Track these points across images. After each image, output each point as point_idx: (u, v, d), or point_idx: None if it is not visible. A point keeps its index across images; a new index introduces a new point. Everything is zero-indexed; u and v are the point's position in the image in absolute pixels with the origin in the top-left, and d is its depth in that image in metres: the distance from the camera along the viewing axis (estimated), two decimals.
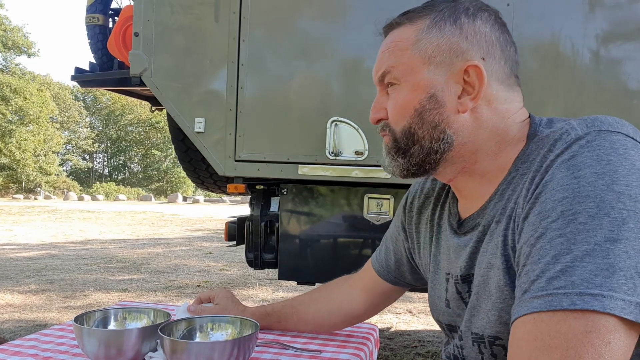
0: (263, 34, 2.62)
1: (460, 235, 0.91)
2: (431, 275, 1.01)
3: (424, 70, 0.85)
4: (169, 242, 10.07)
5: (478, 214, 0.87)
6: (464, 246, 0.88)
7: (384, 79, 0.89)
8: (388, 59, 0.88)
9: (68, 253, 8.39)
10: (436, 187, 1.05)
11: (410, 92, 0.86)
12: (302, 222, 2.71)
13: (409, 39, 0.87)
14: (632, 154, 0.67)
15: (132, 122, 45.72)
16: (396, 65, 0.87)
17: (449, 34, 0.85)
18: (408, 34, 0.87)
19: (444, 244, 0.97)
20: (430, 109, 0.85)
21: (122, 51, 3.11)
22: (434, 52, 0.85)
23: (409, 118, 0.86)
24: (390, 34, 0.90)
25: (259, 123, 2.61)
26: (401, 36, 0.88)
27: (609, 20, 2.32)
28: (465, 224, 0.90)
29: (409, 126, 0.86)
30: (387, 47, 0.90)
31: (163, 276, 6.56)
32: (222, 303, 1.34)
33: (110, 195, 31.67)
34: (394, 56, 0.88)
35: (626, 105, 2.33)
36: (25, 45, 34.69)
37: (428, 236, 1.03)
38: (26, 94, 33.12)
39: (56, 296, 5.38)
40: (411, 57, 0.86)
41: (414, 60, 0.86)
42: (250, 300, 5.31)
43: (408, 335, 4.16)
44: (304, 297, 1.35)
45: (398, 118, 0.88)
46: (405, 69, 0.86)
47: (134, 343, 1.09)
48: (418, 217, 1.07)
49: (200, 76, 2.68)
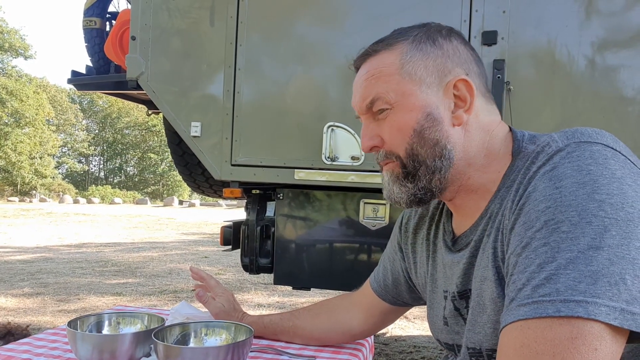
0: (260, 39, 2.62)
1: (454, 252, 0.92)
2: (429, 294, 1.02)
3: (417, 91, 0.86)
4: (164, 246, 10.04)
5: (471, 230, 0.89)
6: (458, 262, 0.90)
7: (373, 107, 0.88)
8: (374, 87, 0.88)
9: (63, 256, 8.36)
10: (430, 206, 1.06)
11: (406, 113, 0.85)
12: (298, 227, 2.71)
13: (393, 64, 0.87)
14: (612, 163, 0.69)
15: (129, 125, 45.66)
16: (385, 91, 0.87)
17: (432, 55, 0.87)
18: (390, 60, 0.87)
19: (439, 262, 0.97)
20: (429, 127, 0.85)
21: (119, 55, 3.11)
22: (423, 73, 0.86)
23: (409, 139, 0.86)
24: (367, 63, 0.90)
25: (256, 127, 2.61)
26: (383, 62, 0.88)
27: (604, 27, 2.33)
28: (459, 241, 0.91)
29: (410, 147, 0.86)
30: (370, 75, 0.89)
31: (158, 280, 6.53)
32: (223, 304, 1.35)
33: (106, 198, 31.59)
34: (381, 82, 0.87)
35: (622, 112, 2.34)
36: (22, 48, 34.66)
37: (425, 255, 1.03)
38: (22, 96, 33.06)
39: (50, 300, 5.35)
40: (400, 81, 0.86)
41: (405, 84, 0.86)
42: (246, 305, 5.30)
43: (403, 340, 4.15)
44: (303, 311, 1.34)
45: (398, 141, 0.87)
46: (396, 93, 0.86)
47: (127, 348, 1.09)
48: (414, 237, 1.08)
49: (197, 80, 2.68)
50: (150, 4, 2.68)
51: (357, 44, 2.49)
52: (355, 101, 0.93)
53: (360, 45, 2.70)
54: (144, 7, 2.68)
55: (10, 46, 34.11)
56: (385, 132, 0.88)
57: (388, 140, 0.88)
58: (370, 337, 1.47)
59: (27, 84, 35.05)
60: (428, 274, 1.02)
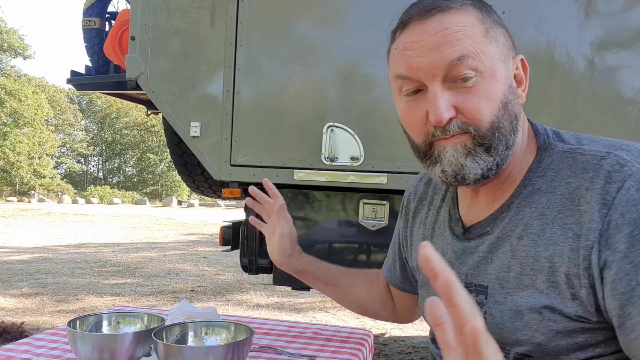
0: (260, 39, 2.62)
1: (464, 241, 0.89)
2: (423, 278, 1.01)
3: (501, 60, 0.80)
4: (163, 246, 10.03)
5: (487, 222, 0.86)
6: (470, 252, 0.88)
7: (460, 67, 0.77)
8: (463, 43, 0.77)
9: (61, 256, 8.35)
10: (429, 190, 1.04)
11: (495, 83, 0.79)
12: (298, 227, 2.70)
13: (477, 26, 0.79)
14: None
15: (128, 125, 45.63)
16: (476, 53, 0.77)
17: (502, 25, 0.83)
18: (471, 21, 0.79)
19: (439, 248, 0.95)
20: (512, 100, 0.81)
21: (119, 55, 3.11)
22: (503, 42, 0.81)
23: (497, 111, 0.79)
24: (439, 18, 0.78)
25: (255, 128, 2.62)
26: (463, 21, 0.78)
27: (603, 28, 2.34)
28: (471, 229, 0.89)
29: (497, 120, 0.79)
30: (453, 31, 0.77)
31: (157, 280, 6.53)
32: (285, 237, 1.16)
33: (104, 198, 31.55)
34: (469, 41, 0.77)
35: (620, 112, 2.34)
36: (21, 48, 34.64)
37: (420, 239, 1.02)
38: (21, 96, 33.03)
39: (49, 300, 5.35)
40: (488, 45, 0.79)
41: (493, 50, 0.79)
42: (245, 305, 5.30)
43: (402, 341, 4.15)
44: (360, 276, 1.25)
45: (485, 112, 0.78)
46: (487, 58, 0.78)
47: (127, 347, 1.09)
48: (412, 220, 1.07)
49: (196, 80, 2.68)
50: (149, 4, 2.68)
51: (357, 44, 2.51)
52: (427, 61, 0.78)
53: (360, 45, 2.69)
54: (143, 7, 2.68)
55: (9, 46, 34.08)
56: (468, 102, 0.78)
57: (471, 111, 0.78)
58: (370, 336, 1.47)
59: (25, 84, 35.02)
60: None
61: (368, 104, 2.50)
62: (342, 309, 5.12)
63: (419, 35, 0.79)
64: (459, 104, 0.78)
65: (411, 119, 0.83)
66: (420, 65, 0.78)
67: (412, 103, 0.83)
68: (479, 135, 0.79)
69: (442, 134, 0.80)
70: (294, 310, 5.14)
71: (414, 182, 1.11)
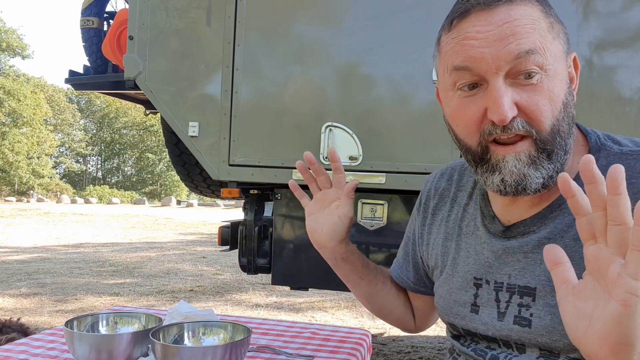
0: (258, 39, 2.62)
1: (504, 239, 0.85)
2: (444, 278, 0.96)
3: (562, 58, 0.76)
4: (162, 246, 10.03)
5: (532, 220, 0.82)
6: (514, 252, 0.84)
7: (527, 62, 0.72)
8: (531, 36, 0.73)
9: (60, 256, 8.34)
10: (451, 187, 1.00)
11: (558, 82, 0.74)
12: (296, 227, 2.71)
13: (542, 20, 0.75)
14: None
15: (126, 125, 45.60)
16: (544, 48, 0.73)
17: (560, 22, 0.79)
18: (536, 14, 0.75)
19: (470, 247, 0.91)
20: (570, 101, 0.77)
21: (117, 54, 3.11)
22: (564, 39, 0.78)
23: (558, 113, 0.75)
24: (505, 9, 0.74)
25: (254, 128, 2.61)
26: (530, 14, 0.74)
27: (602, 28, 2.34)
28: (513, 228, 0.85)
29: (558, 123, 0.75)
30: (522, 23, 0.73)
31: (156, 280, 6.53)
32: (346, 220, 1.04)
33: (103, 198, 31.53)
34: (537, 35, 0.73)
35: (619, 112, 2.34)
36: (20, 47, 34.61)
37: (442, 237, 0.98)
38: (20, 96, 32.99)
39: (48, 300, 5.34)
40: (552, 42, 0.75)
41: (556, 46, 0.76)
42: (244, 305, 5.29)
43: (401, 340, 4.15)
44: (382, 276, 1.15)
45: (548, 114, 0.74)
46: (551, 55, 0.74)
47: (125, 348, 1.09)
48: (432, 218, 1.02)
49: (194, 80, 2.68)
50: (148, 4, 2.68)
51: (356, 44, 2.50)
52: (492, 52, 0.73)
53: (359, 45, 2.68)
54: (141, 7, 2.68)
55: (7, 46, 34.05)
56: (532, 100, 0.73)
57: (534, 111, 0.73)
58: (368, 336, 1.47)
59: (24, 83, 34.99)
60: (447, 258, 0.96)
61: (367, 103, 2.50)
62: (341, 309, 5.12)
63: (484, 25, 0.74)
64: (522, 102, 0.73)
65: (465, 116, 0.78)
66: (485, 56, 0.73)
67: (466, 99, 0.77)
68: (540, 140, 0.74)
69: (503, 132, 0.74)
70: (292, 310, 5.14)
71: (433, 179, 1.06)
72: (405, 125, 2.47)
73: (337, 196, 1.05)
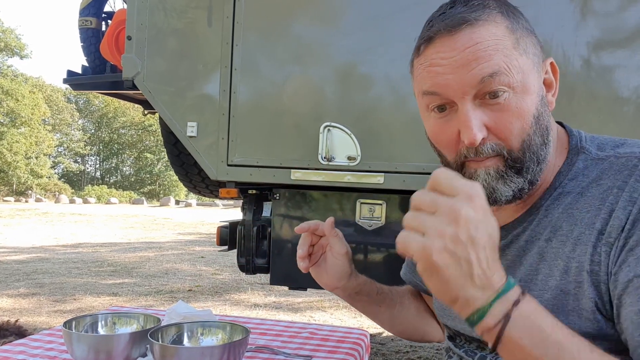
0: (256, 39, 2.62)
1: None
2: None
3: (533, 71, 0.78)
4: (160, 246, 10.03)
5: (514, 224, 0.84)
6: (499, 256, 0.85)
7: (491, 83, 0.74)
8: (494, 58, 0.74)
9: (59, 256, 8.34)
10: None
11: (527, 97, 0.76)
12: (295, 226, 2.71)
13: (507, 38, 0.76)
14: None
15: (125, 125, 45.56)
16: (509, 67, 0.75)
17: (531, 31, 0.80)
18: (501, 32, 0.76)
19: None
20: (542, 113, 0.79)
21: (115, 54, 3.11)
22: (533, 51, 0.79)
23: (528, 128, 0.77)
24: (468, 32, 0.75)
25: (252, 128, 2.61)
26: (494, 34, 0.75)
27: (600, 28, 2.34)
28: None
29: (529, 138, 0.77)
30: (484, 46, 0.74)
31: (154, 280, 6.53)
32: (341, 257, 1.04)
33: (102, 198, 31.50)
34: (501, 56, 0.75)
35: (617, 112, 2.34)
36: (18, 47, 34.54)
37: None
38: (18, 95, 32.95)
39: (46, 300, 5.34)
40: (519, 58, 0.76)
41: (524, 62, 0.76)
42: (242, 305, 5.30)
43: (400, 340, 4.16)
44: (408, 301, 1.16)
45: (516, 131, 0.76)
46: (518, 72, 0.75)
47: (123, 348, 1.09)
48: None
49: (193, 80, 2.67)
50: (146, 4, 2.68)
51: (354, 44, 2.50)
52: (456, 79, 0.75)
53: (357, 45, 2.68)
54: (140, 7, 2.68)
55: (5, 45, 33.98)
56: (500, 120, 0.76)
57: (503, 131, 0.76)
58: (367, 336, 1.47)
59: (22, 83, 34.94)
60: None
61: (365, 103, 2.50)
62: (340, 309, 5.12)
63: (447, 51, 0.76)
64: (491, 123, 0.76)
65: (442, 137, 0.81)
66: (450, 83, 0.76)
67: (441, 120, 0.80)
68: (511, 158, 0.77)
69: (475, 155, 0.78)
70: (291, 310, 5.15)
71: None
72: (403, 125, 2.47)
73: (327, 241, 1.06)
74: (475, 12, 0.76)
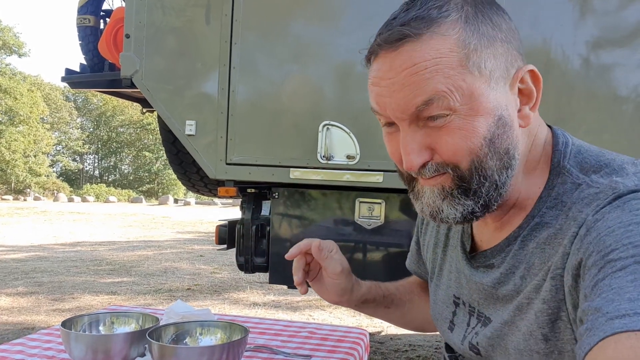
0: (255, 37, 2.62)
1: (472, 268, 0.84)
2: (435, 281, 0.97)
3: (486, 90, 0.69)
4: (159, 245, 10.01)
5: (492, 252, 0.80)
6: (476, 282, 0.82)
7: (426, 110, 0.69)
8: (429, 83, 0.68)
9: (57, 255, 8.33)
10: None
11: (475, 119, 0.69)
12: (294, 225, 2.71)
13: (454, 54, 0.68)
14: None
15: (123, 123, 45.49)
16: (448, 90, 0.68)
17: (497, 40, 0.71)
18: (447, 46, 0.68)
19: (453, 262, 0.91)
20: (500, 134, 0.71)
21: (113, 53, 3.10)
22: (493, 65, 0.70)
23: (478, 150, 0.70)
24: (408, 50, 0.69)
25: (251, 126, 2.61)
26: (437, 50, 0.68)
27: (599, 26, 2.34)
28: (478, 258, 0.83)
29: (479, 160, 0.70)
30: (420, 68, 0.68)
31: (153, 279, 6.52)
32: (342, 262, 1.04)
33: (100, 196, 31.45)
34: (440, 77, 0.68)
35: (615, 111, 2.34)
36: (16, 45, 34.48)
37: (432, 242, 0.98)
38: (16, 94, 32.88)
39: (44, 299, 5.33)
40: (467, 77, 0.68)
41: (474, 81, 0.68)
42: (241, 304, 5.29)
43: (399, 339, 4.16)
44: (417, 295, 1.15)
45: (462, 153, 0.70)
46: (462, 94, 0.68)
47: (121, 348, 1.08)
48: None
49: (191, 79, 2.67)
50: (144, 2, 2.67)
51: (353, 42, 2.50)
52: (392, 103, 0.71)
53: (356, 43, 2.68)
54: (138, 5, 2.67)
55: (4, 44, 33.92)
56: (442, 142, 0.70)
57: (446, 152, 0.71)
58: (366, 335, 1.47)
59: (21, 81, 34.87)
60: (436, 264, 0.96)
61: (364, 102, 2.49)
62: (339, 307, 5.12)
63: (386, 71, 0.70)
64: (433, 144, 0.71)
65: (391, 151, 0.78)
66: (387, 106, 0.72)
67: (390, 136, 0.77)
68: (457, 177, 0.72)
69: (419, 176, 0.74)
70: (290, 309, 5.14)
71: None
72: None
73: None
74: (425, 17, 0.69)
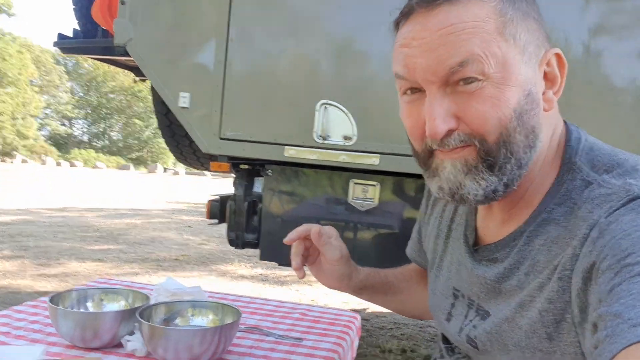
0: (253, 9, 2.55)
1: (475, 261, 0.82)
2: (434, 272, 0.95)
3: (520, 61, 0.68)
4: (147, 214, 9.98)
5: (497, 247, 0.78)
6: (480, 275, 0.80)
7: (460, 72, 0.67)
8: (467, 44, 0.66)
9: (44, 220, 8.27)
10: None
11: (507, 89, 0.67)
12: (285, 203, 2.69)
13: (491, 20, 0.67)
14: None
15: (114, 89, 44.89)
16: (484, 55, 0.66)
17: (531, 16, 0.71)
18: (484, 13, 0.67)
19: (454, 254, 0.89)
20: (528, 110, 0.69)
21: (107, 19, 3.01)
22: (527, 39, 0.69)
23: (508, 123, 0.68)
24: (445, 11, 0.67)
25: (246, 101, 2.56)
26: (475, 15, 0.67)
27: (597, 18, 2.31)
28: (481, 251, 0.82)
29: (507, 133, 0.68)
30: (457, 28, 0.66)
31: (140, 248, 6.50)
32: (342, 248, 1.03)
33: (88, 162, 31.22)
34: (477, 40, 0.66)
35: (613, 102, 2.33)
36: (6, 5, 33.71)
37: (434, 233, 0.96)
38: (5, 55, 32.28)
39: (30, 263, 5.31)
40: (502, 45, 0.67)
41: (509, 50, 0.67)
42: (229, 276, 5.30)
43: (384, 317, 4.19)
44: (412, 281, 1.14)
45: (491, 125, 0.67)
46: (498, 60, 0.67)
47: (110, 326, 1.07)
48: (431, 209, 1.00)
49: (187, 49, 2.61)
50: None
51: (354, 19, 2.45)
52: (423, 64, 0.68)
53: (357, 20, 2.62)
54: None
55: None
56: (471, 109, 0.68)
57: (475, 120, 0.68)
58: (357, 319, 1.47)
59: (10, 42, 34.19)
60: (436, 255, 0.94)
61: (363, 82, 2.46)
62: None
63: (420, 30, 0.68)
64: (460, 112, 0.68)
65: (409, 123, 0.74)
66: (416, 67, 0.69)
67: (410, 105, 0.73)
68: (483, 150, 0.69)
69: (440, 147, 0.71)
70: (277, 283, 5.16)
71: None
72: None
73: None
74: None
